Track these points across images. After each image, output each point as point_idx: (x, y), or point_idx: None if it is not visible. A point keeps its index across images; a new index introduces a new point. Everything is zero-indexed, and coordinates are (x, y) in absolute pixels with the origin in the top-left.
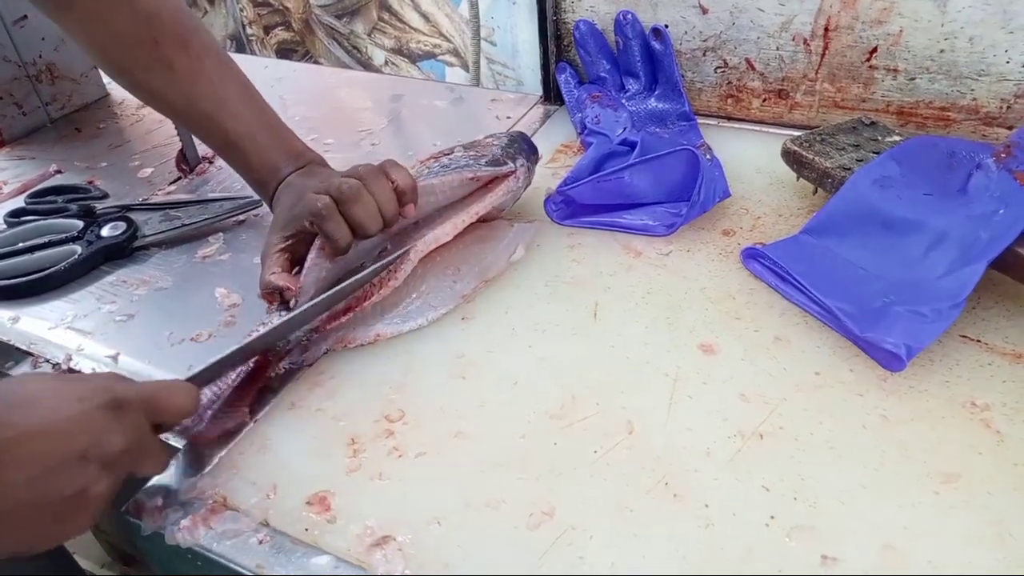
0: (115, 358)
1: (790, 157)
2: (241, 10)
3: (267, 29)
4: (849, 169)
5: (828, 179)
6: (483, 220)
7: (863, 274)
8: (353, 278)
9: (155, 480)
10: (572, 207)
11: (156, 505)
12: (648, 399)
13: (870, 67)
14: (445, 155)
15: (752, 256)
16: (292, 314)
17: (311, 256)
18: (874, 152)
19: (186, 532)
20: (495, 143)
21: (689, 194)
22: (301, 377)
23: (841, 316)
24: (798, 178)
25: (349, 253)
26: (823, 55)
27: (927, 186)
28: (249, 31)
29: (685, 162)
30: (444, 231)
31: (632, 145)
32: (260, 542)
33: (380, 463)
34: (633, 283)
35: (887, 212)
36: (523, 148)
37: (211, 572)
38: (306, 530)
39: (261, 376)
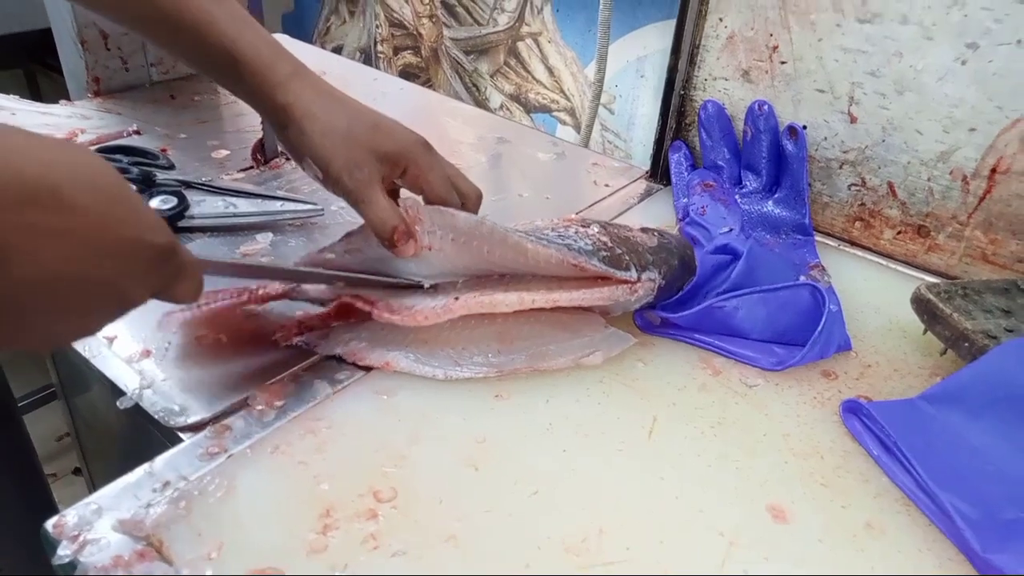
0: (111, 341)
1: (922, 306)
2: (377, 27)
3: (396, 50)
4: (995, 337)
5: (965, 342)
6: (580, 307)
7: (993, 470)
8: (387, 278)
9: (98, 495)
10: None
11: (79, 531)
12: (693, 560)
13: None
14: (580, 226)
15: (853, 411)
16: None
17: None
18: None
19: (100, 573)
20: (640, 240)
21: (802, 336)
22: (297, 417)
23: (958, 520)
24: (926, 331)
25: (410, 263)
26: (982, 198)
27: None
28: (379, 48)
29: (806, 299)
30: (507, 300)
31: (735, 254)
32: None
33: (350, 551)
34: (704, 406)
35: None
36: (671, 263)
37: None
38: None
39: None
